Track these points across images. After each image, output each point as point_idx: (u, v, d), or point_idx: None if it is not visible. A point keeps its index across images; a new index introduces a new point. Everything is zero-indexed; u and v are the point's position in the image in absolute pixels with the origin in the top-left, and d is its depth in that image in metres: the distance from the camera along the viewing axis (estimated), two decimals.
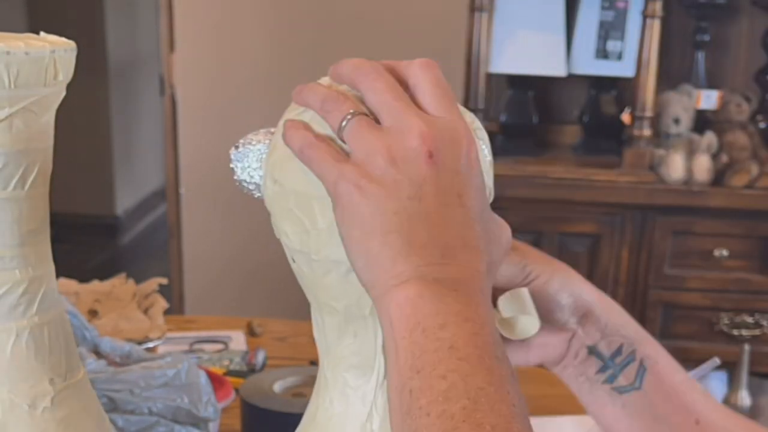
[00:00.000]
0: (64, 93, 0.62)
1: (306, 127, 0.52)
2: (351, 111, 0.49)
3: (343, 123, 0.49)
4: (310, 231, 0.53)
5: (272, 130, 0.56)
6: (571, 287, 0.63)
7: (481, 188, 0.50)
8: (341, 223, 0.49)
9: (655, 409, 0.59)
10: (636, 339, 0.61)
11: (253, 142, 0.57)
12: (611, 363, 0.61)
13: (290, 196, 0.53)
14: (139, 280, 1.50)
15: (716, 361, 0.98)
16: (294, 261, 0.55)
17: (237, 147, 0.57)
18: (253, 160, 0.56)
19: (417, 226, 0.47)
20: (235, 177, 0.57)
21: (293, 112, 0.55)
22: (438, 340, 0.44)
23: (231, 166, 0.57)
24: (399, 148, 0.48)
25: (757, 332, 2.22)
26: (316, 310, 0.57)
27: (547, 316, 0.62)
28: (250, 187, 0.57)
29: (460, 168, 0.48)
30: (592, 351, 0.62)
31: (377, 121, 0.49)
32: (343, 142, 0.50)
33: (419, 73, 0.50)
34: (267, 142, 0.56)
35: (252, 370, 1.23)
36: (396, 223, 0.47)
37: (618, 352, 0.61)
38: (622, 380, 0.61)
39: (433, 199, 0.47)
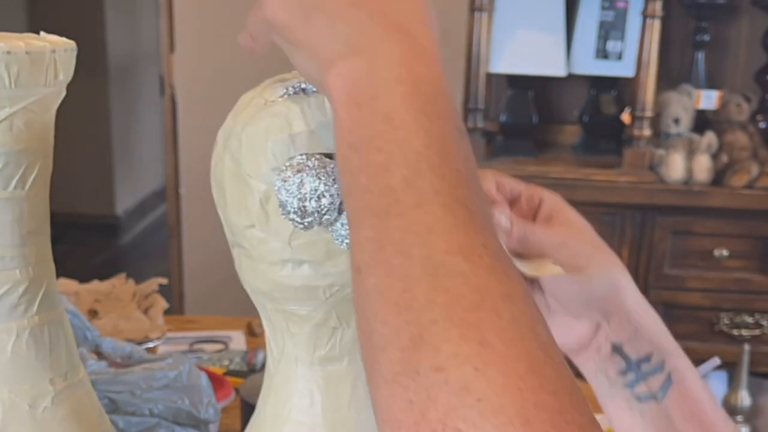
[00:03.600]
0: (64, 93, 0.62)
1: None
2: None
3: None
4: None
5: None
6: (611, 277, 0.58)
7: None
8: None
9: (673, 425, 0.56)
10: (668, 351, 0.58)
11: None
12: (635, 368, 0.58)
13: None
14: (139, 280, 1.50)
15: (716, 361, 0.98)
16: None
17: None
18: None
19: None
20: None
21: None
22: (373, 113, 0.39)
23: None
24: None
25: (757, 332, 2.22)
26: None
27: (576, 298, 0.58)
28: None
29: None
30: (617, 350, 0.58)
31: None
32: None
33: None
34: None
35: (252, 370, 1.23)
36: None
37: (646, 358, 0.58)
38: (643, 388, 0.57)
39: None
